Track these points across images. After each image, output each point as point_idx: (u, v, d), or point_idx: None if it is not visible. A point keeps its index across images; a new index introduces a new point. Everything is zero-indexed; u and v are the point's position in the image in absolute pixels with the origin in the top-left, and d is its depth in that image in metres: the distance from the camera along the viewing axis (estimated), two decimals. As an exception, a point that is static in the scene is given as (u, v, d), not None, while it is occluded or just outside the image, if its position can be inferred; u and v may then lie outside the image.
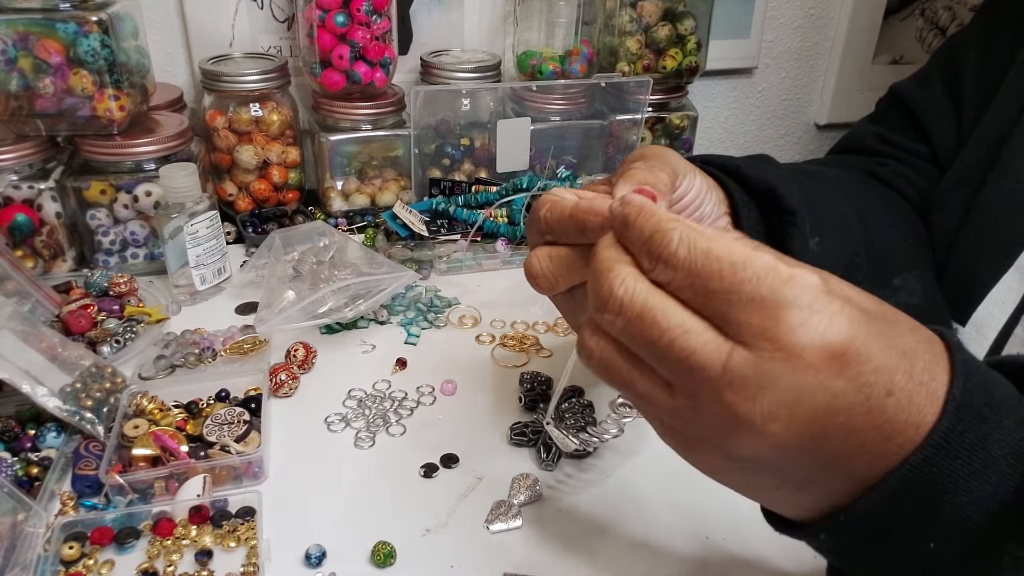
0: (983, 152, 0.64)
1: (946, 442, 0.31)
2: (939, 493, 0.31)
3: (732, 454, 0.32)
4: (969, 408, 0.31)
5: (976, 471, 0.31)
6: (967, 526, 0.31)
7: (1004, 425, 0.31)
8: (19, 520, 0.50)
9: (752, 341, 0.30)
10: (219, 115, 0.92)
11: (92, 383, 0.61)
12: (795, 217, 0.54)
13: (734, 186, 0.54)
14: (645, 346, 0.33)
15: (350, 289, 0.72)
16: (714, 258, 0.31)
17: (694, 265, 0.31)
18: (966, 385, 0.31)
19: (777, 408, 0.30)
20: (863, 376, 0.30)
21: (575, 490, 0.58)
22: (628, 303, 0.32)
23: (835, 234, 0.58)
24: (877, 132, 0.74)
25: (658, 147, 0.48)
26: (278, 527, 0.53)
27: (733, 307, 0.30)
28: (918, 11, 1.28)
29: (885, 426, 0.31)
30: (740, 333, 0.30)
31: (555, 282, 0.42)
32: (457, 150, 1.00)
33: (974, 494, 0.31)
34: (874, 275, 0.61)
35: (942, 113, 0.69)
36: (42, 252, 0.80)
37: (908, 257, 0.65)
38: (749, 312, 0.30)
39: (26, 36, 0.73)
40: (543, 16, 1.02)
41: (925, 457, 0.31)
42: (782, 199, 0.54)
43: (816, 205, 0.57)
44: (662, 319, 0.32)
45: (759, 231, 0.55)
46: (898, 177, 0.70)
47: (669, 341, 0.31)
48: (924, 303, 0.63)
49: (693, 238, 0.32)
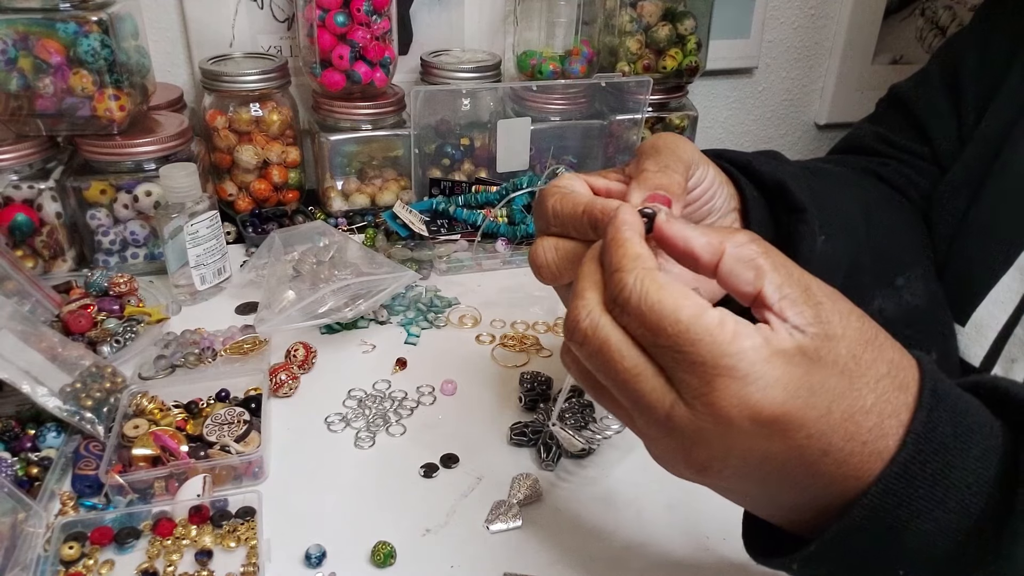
0: (983, 153, 0.64)
1: (905, 473, 0.31)
2: (902, 521, 0.31)
3: (689, 476, 0.35)
4: (930, 441, 0.32)
5: (938, 500, 0.31)
6: (934, 553, 0.32)
7: (970, 454, 0.32)
8: (19, 520, 0.50)
9: (689, 400, 0.31)
10: (219, 115, 0.92)
11: (92, 383, 0.61)
12: (804, 214, 0.54)
13: (745, 181, 0.53)
14: (605, 377, 0.34)
15: (350, 289, 0.72)
16: (661, 312, 0.31)
17: (643, 316, 0.32)
18: (930, 416, 0.32)
19: (711, 460, 0.32)
20: (795, 440, 0.31)
21: (575, 490, 0.58)
22: (591, 336, 0.33)
23: (842, 232, 0.57)
24: (877, 133, 0.74)
25: (671, 137, 0.47)
26: (278, 527, 0.53)
27: (676, 364, 0.31)
28: (918, 11, 1.28)
29: (822, 479, 0.32)
30: (680, 389, 0.32)
31: (559, 275, 0.42)
32: (457, 150, 1.00)
33: (939, 522, 0.31)
34: (878, 274, 0.61)
35: (942, 114, 0.69)
36: (42, 252, 0.80)
37: (911, 256, 0.65)
38: (689, 373, 0.31)
39: (26, 36, 0.73)
40: (543, 16, 1.02)
41: (886, 488, 0.31)
42: (791, 195, 0.54)
43: (824, 203, 0.56)
44: (618, 359, 0.33)
45: (768, 227, 0.55)
46: (899, 177, 0.70)
47: (623, 381, 0.33)
48: (926, 303, 0.63)
49: (646, 286, 0.32)
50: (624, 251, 0.34)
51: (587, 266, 0.36)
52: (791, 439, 0.31)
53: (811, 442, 0.31)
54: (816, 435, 0.31)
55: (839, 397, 0.31)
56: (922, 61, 0.75)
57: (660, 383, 0.32)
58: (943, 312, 0.64)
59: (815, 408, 0.31)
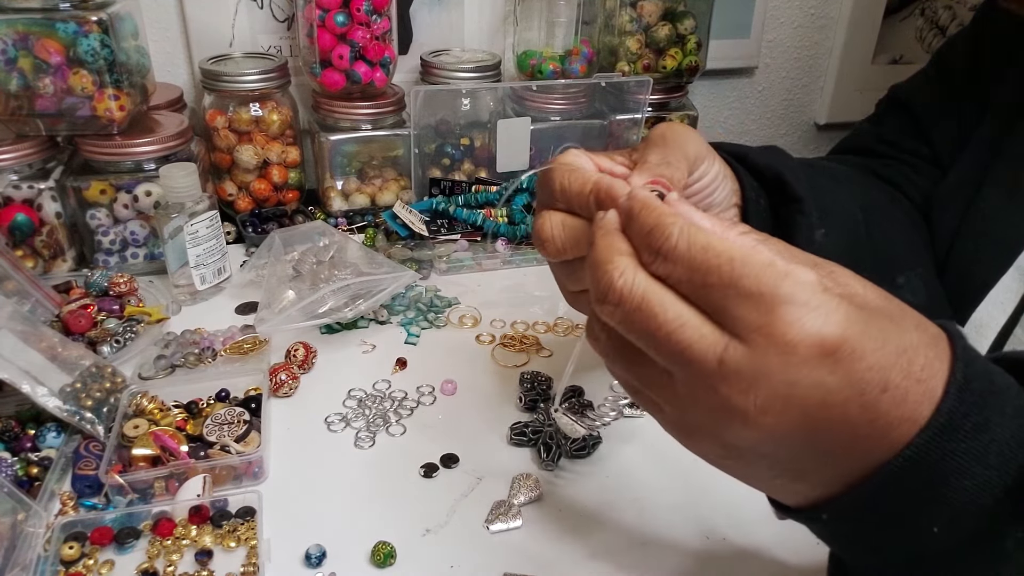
0: (982, 153, 0.64)
1: (949, 424, 0.31)
2: (943, 475, 0.31)
3: (728, 443, 0.33)
4: (971, 392, 0.31)
5: (979, 455, 0.31)
6: (970, 510, 0.31)
7: (1005, 411, 0.32)
8: (19, 520, 0.50)
9: (748, 336, 0.30)
10: (219, 115, 0.92)
11: (92, 383, 0.61)
12: (801, 205, 0.54)
13: (744, 173, 0.54)
14: (644, 337, 0.33)
15: (350, 289, 0.72)
16: (712, 253, 0.31)
17: (693, 260, 0.32)
18: (967, 371, 0.31)
19: (771, 401, 0.31)
20: (857, 372, 0.30)
21: (575, 490, 0.58)
22: (627, 294, 0.33)
23: (841, 228, 0.58)
24: (877, 134, 0.74)
25: (681, 129, 0.47)
26: (278, 527, 0.53)
27: (730, 302, 0.31)
28: (918, 11, 1.28)
29: (880, 421, 0.31)
30: (736, 327, 0.31)
31: (563, 251, 0.41)
32: (457, 150, 1.00)
33: (977, 478, 0.31)
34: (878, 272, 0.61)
35: (942, 114, 0.69)
36: (42, 252, 0.80)
37: (911, 255, 0.65)
38: (746, 307, 0.30)
39: (26, 36, 0.73)
40: (543, 16, 1.02)
41: (929, 439, 0.31)
42: (789, 187, 0.55)
43: (823, 197, 0.57)
44: (659, 311, 0.32)
45: (767, 220, 0.55)
46: (900, 177, 0.71)
47: (666, 333, 0.32)
48: (926, 302, 0.63)
49: (692, 233, 0.32)
50: (658, 211, 0.34)
51: (605, 238, 0.35)
52: (853, 371, 0.30)
53: (872, 375, 0.30)
54: (876, 367, 0.30)
55: (889, 332, 0.31)
56: (922, 61, 0.75)
57: (709, 329, 0.31)
58: (944, 311, 0.64)
59: (872, 339, 0.30)
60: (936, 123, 0.70)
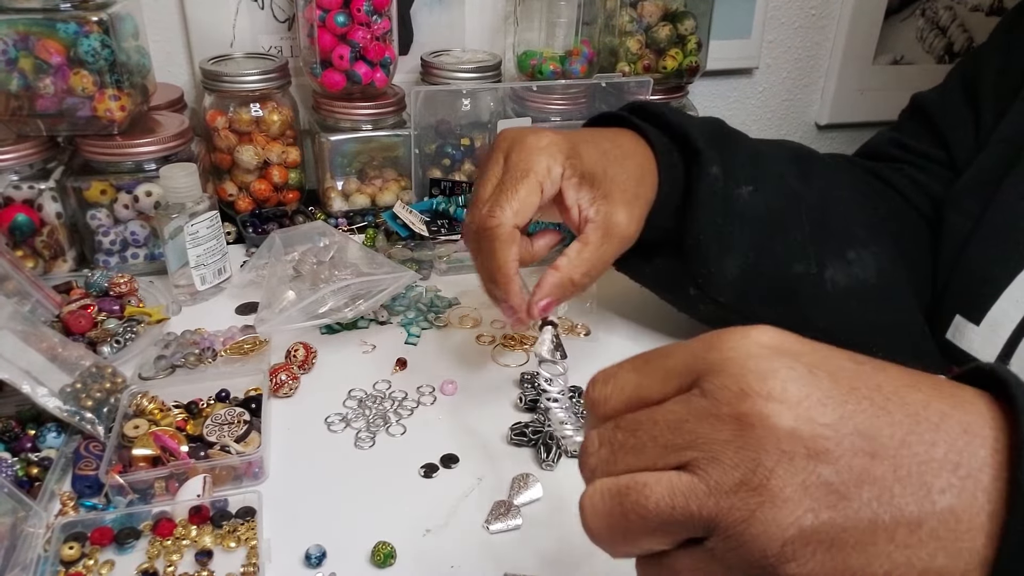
0: (1001, 154, 0.65)
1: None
2: None
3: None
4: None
5: None
6: None
7: None
8: (19, 520, 0.50)
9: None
10: (219, 115, 0.92)
11: (92, 383, 0.61)
12: (699, 157, 0.62)
13: (655, 132, 0.62)
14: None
15: (350, 289, 0.72)
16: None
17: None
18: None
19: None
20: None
21: (575, 490, 0.57)
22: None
23: (771, 188, 0.65)
24: (896, 139, 0.76)
25: (525, 154, 0.56)
26: (278, 527, 0.53)
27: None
28: (918, 11, 1.28)
29: None
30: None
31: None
32: (457, 150, 1.00)
33: None
34: (824, 243, 0.66)
35: (961, 119, 0.71)
36: (42, 252, 0.80)
37: (868, 236, 0.68)
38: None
39: (26, 36, 0.73)
40: (543, 16, 1.02)
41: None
42: (691, 141, 0.62)
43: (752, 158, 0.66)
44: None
45: (678, 172, 0.63)
46: (906, 180, 0.72)
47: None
48: (876, 280, 0.67)
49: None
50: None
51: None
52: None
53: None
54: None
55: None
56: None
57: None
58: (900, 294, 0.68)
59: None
60: (955, 128, 0.71)
